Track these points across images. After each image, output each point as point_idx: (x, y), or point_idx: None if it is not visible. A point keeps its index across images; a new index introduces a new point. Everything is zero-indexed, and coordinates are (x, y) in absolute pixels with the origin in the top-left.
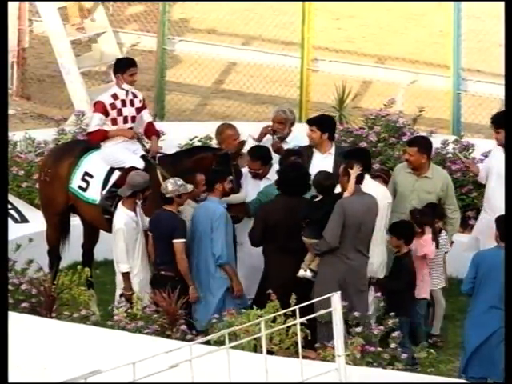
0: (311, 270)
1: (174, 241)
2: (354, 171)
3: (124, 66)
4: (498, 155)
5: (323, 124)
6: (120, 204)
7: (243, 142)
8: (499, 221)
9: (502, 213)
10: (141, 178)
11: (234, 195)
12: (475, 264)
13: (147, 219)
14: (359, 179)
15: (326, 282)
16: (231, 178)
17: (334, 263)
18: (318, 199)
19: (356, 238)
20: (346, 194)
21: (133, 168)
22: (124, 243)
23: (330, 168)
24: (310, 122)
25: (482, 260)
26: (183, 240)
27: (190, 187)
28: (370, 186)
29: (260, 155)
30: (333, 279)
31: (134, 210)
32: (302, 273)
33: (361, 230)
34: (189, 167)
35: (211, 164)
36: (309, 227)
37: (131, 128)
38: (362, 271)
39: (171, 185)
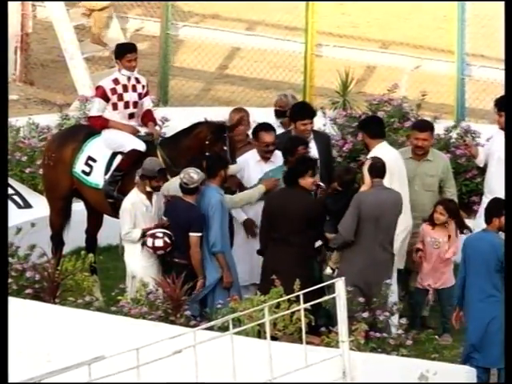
0: (332, 268)
1: (191, 234)
2: (365, 165)
3: (121, 52)
4: (499, 139)
5: (313, 113)
6: (135, 186)
7: (242, 117)
8: (488, 204)
9: (501, 197)
10: (150, 165)
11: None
12: (462, 249)
13: None
14: (378, 174)
15: (346, 278)
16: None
17: (352, 258)
18: (336, 193)
19: (376, 232)
20: (362, 188)
21: (134, 150)
22: (130, 220)
23: (314, 152)
24: (307, 116)
25: (466, 245)
26: (200, 234)
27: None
28: (384, 149)
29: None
30: (352, 275)
31: (148, 195)
32: (328, 271)
33: (380, 224)
34: (188, 145)
35: (206, 136)
36: (329, 222)
37: (133, 114)
38: (385, 266)
39: (196, 174)
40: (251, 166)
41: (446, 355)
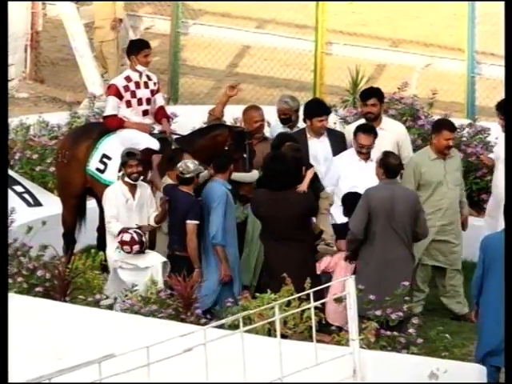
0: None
1: (187, 221)
2: (380, 160)
3: (138, 47)
4: (503, 141)
5: (328, 109)
6: (119, 178)
7: (262, 125)
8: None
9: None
10: (123, 152)
11: (245, 174)
12: (482, 248)
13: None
14: (393, 175)
15: (363, 278)
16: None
17: (367, 257)
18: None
19: (391, 228)
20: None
21: (148, 149)
22: (110, 207)
23: (328, 151)
24: (323, 112)
25: (487, 244)
26: (196, 222)
27: (202, 168)
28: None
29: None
30: (368, 275)
31: (130, 188)
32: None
33: (394, 219)
34: (205, 145)
35: (226, 141)
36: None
37: (146, 110)
38: (403, 265)
39: (192, 164)
40: (351, 165)
41: (456, 353)
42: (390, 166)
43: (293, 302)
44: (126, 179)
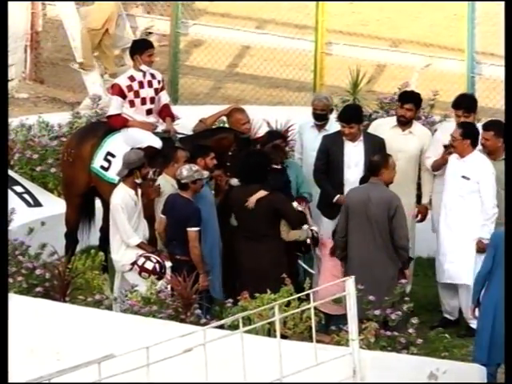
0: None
1: (188, 229)
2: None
3: (142, 47)
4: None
5: (351, 118)
6: (121, 182)
7: (249, 128)
8: None
9: None
10: (135, 155)
11: None
12: (494, 244)
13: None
14: (369, 169)
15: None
16: (213, 154)
17: (349, 258)
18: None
19: (367, 231)
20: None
21: (150, 147)
22: (125, 216)
23: (361, 157)
24: (349, 120)
25: (501, 240)
26: (197, 228)
27: (205, 173)
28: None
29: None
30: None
31: (135, 190)
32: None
33: (370, 221)
34: (207, 147)
35: (231, 145)
36: None
37: (150, 109)
38: (383, 267)
39: (186, 170)
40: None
41: (455, 354)
42: (370, 161)
43: (292, 302)
44: (138, 181)
